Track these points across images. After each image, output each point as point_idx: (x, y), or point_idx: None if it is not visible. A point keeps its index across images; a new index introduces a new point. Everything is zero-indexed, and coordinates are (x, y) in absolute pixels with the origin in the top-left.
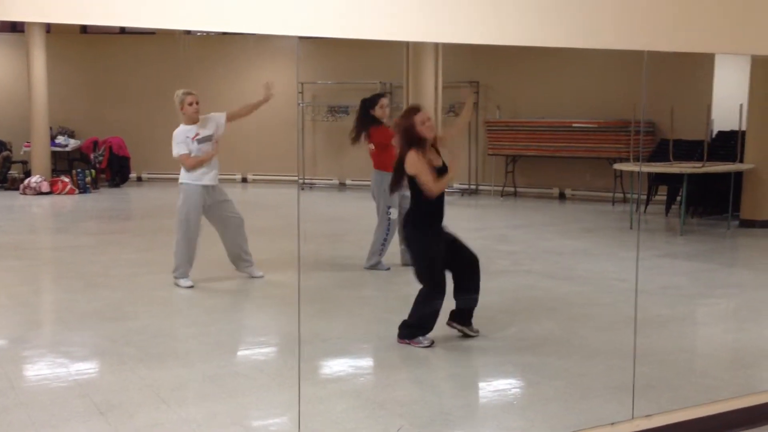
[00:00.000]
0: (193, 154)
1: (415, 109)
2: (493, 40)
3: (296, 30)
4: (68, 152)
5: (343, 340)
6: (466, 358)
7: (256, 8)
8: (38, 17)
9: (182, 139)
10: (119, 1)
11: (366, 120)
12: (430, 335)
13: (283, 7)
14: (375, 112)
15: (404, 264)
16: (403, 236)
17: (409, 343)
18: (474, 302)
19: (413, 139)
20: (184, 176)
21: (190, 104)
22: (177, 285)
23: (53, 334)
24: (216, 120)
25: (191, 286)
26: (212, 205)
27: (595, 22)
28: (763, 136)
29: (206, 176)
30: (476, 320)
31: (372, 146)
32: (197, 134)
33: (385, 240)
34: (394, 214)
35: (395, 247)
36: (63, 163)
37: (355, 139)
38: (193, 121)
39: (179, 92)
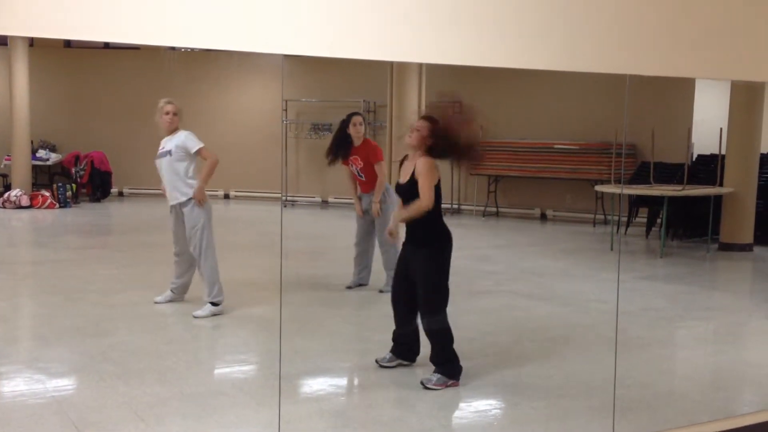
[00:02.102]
0: (162, 166)
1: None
2: (477, 62)
3: (281, 48)
4: (49, 166)
5: (323, 358)
6: None
7: (241, 26)
8: (22, 31)
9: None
10: (103, 16)
11: (343, 140)
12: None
13: (268, 25)
14: (349, 130)
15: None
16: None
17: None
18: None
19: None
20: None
21: (167, 113)
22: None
23: (31, 349)
24: (189, 138)
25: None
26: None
27: (578, 46)
28: (743, 160)
29: (168, 196)
30: (457, 340)
31: (354, 168)
32: (163, 147)
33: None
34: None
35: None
36: (44, 177)
37: (332, 162)
38: (166, 132)
39: (161, 101)
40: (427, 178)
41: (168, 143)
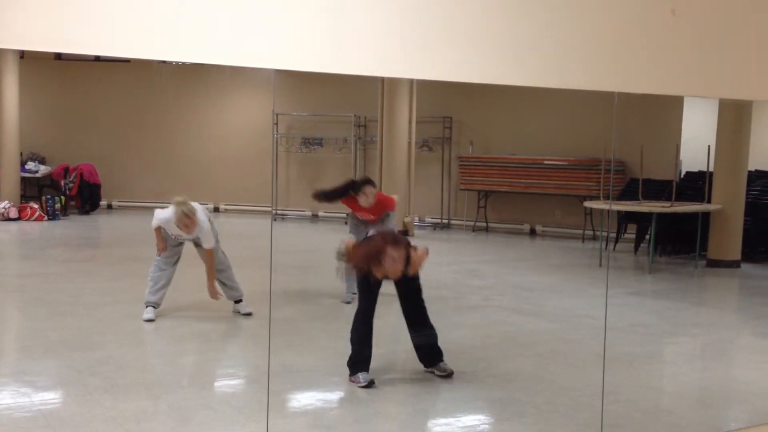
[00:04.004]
0: (163, 233)
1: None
2: (467, 78)
3: (273, 63)
4: (38, 178)
5: (312, 372)
6: (434, 393)
7: (232, 40)
8: (13, 44)
9: (164, 219)
10: (94, 29)
11: (343, 195)
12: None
13: (260, 39)
14: (358, 195)
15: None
16: None
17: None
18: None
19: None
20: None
21: (181, 223)
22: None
23: (17, 362)
24: (205, 235)
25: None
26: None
27: (567, 63)
28: (730, 177)
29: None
30: (445, 355)
31: (360, 217)
32: (180, 234)
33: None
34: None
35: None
36: (33, 189)
37: (330, 201)
38: (182, 228)
39: (182, 204)
40: None
41: (186, 235)
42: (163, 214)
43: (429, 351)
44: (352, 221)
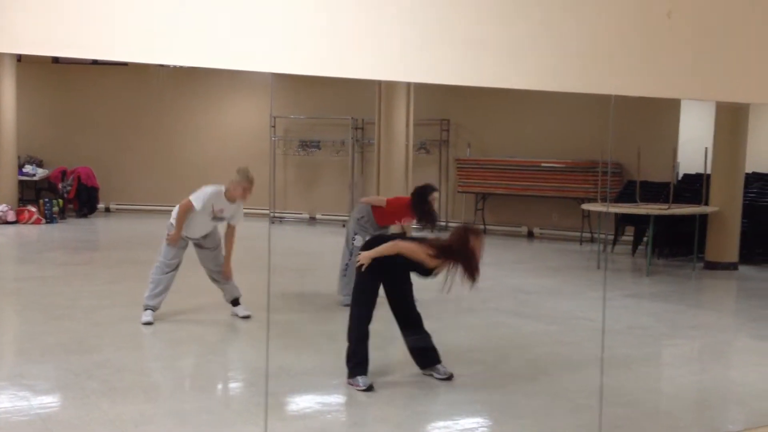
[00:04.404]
0: (200, 214)
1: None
2: (464, 82)
3: (271, 66)
4: (36, 181)
5: (310, 375)
6: (432, 395)
7: (230, 44)
8: (11, 48)
9: (208, 201)
10: (92, 33)
11: (418, 203)
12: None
13: (258, 43)
14: (429, 200)
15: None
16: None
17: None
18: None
19: None
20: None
21: (245, 190)
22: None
23: (15, 366)
24: (240, 212)
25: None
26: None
27: (564, 66)
28: (728, 179)
29: (192, 233)
30: (444, 358)
31: (384, 204)
32: (222, 210)
33: (347, 263)
34: (359, 241)
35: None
36: (30, 193)
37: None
38: (231, 200)
39: (246, 171)
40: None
41: (228, 210)
42: (210, 190)
43: (424, 353)
44: (361, 224)
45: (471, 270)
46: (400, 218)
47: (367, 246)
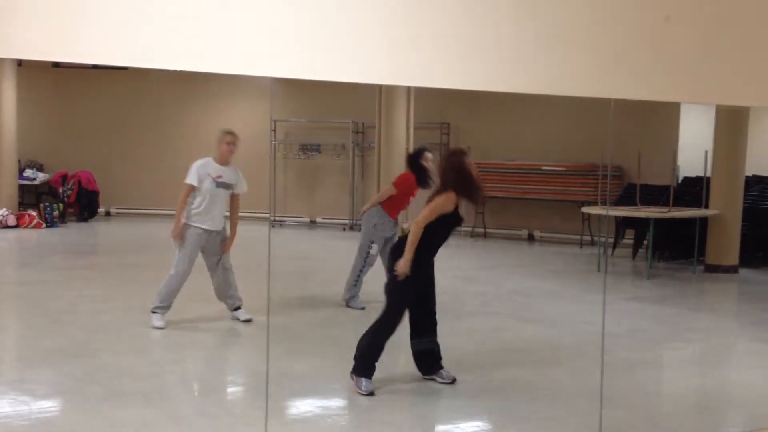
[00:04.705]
0: (204, 190)
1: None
2: (464, 86)
3: (270, 71)
4: (36, 186)
5: (311, 379)
6: (433, 399)
7: (230, 48)
8: (12, 53)
9: (201, 171)
10: (92, 38)
11: (416, 168)
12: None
13: (258, 47)
14: (423, 161)
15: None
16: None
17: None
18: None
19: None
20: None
21: (228, 144)
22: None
23: (15, 371)
24: (240, 177)
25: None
26: (208, 249)
27: (564, 70)
28: (728, 182)
29: (207, 221)
30: (444, 361)
31: (394, 189)
32: (220, 176)
33: (360, 272)
34: (375, 250)
35: (374, 287)
36: (31, 197)
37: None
38: (223, 162)
39: (223, 129)
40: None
41: (226, 175)
42: (197, 162)
43: (430, 359)
44: (378, 230)
45: (473, 192)
46: (412, 192)
47: (396, 252)
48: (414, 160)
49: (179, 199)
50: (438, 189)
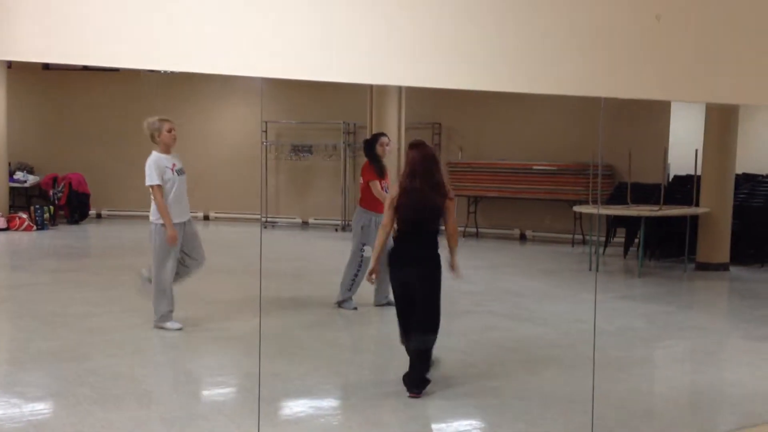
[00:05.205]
0: (169, 184)
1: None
2: (455, 85)
3: (261, 71)
4: (27, 188)
5: (303, 380)
6: (426, 399)
7: (220, 49)
8: (2, 55)
9: (159, 166)
10: (83, 40)
11: (369, 156)
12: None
13: (248, 48)
14: (377, 150)
15: (377, 304)
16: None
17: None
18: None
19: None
20: (155, 215)
21: (169, 131)
22: (165, 328)
23: (7, 374)
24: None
25: (180, 328)
26: (183, 240)
27: (554, 69)
28: (718, 180)
29: (180, 213)
30: (437, 360)
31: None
32: (174, 164)
33: (355, 276)
34: (368, 252)
35: (366, 289)
36: (21, 199)
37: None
38: (168, 151)
39: (153, 119)
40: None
41: (177, 162)
42: (149, 161)
43: (420, 378)
44: (366, 233)
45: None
46: (373, 179)
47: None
48: (368, 147)
49: (159, 205)
50: (401, 182)
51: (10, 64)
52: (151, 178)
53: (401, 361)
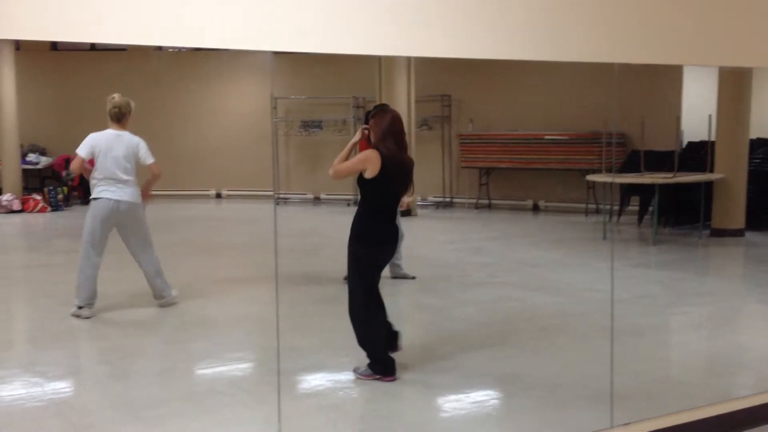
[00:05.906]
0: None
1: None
2: (464, 54)
3: (270, 45)
4: (40, 170)
5: (320, 354)
6: (443, 370)
7: (229, 24)
8: (7, 34)
9: (97, 137)
10: (89, 17)
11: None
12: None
13: (256, 22)
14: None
15: (393, 276)
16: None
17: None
18: None
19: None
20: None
21: (129, 114)
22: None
23: (27, 353)
24: (138, 143)
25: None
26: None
27: (565, 36)
28: (732, 146)
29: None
30: (452, 332)
31: None
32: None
33: None
34: None
35: None
36: (34, 181)
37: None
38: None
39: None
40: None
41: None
42: (96, 135)
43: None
44: None
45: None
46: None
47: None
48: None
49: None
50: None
51: (18, 46)
52: (150, 155)
53: (416, 331)
